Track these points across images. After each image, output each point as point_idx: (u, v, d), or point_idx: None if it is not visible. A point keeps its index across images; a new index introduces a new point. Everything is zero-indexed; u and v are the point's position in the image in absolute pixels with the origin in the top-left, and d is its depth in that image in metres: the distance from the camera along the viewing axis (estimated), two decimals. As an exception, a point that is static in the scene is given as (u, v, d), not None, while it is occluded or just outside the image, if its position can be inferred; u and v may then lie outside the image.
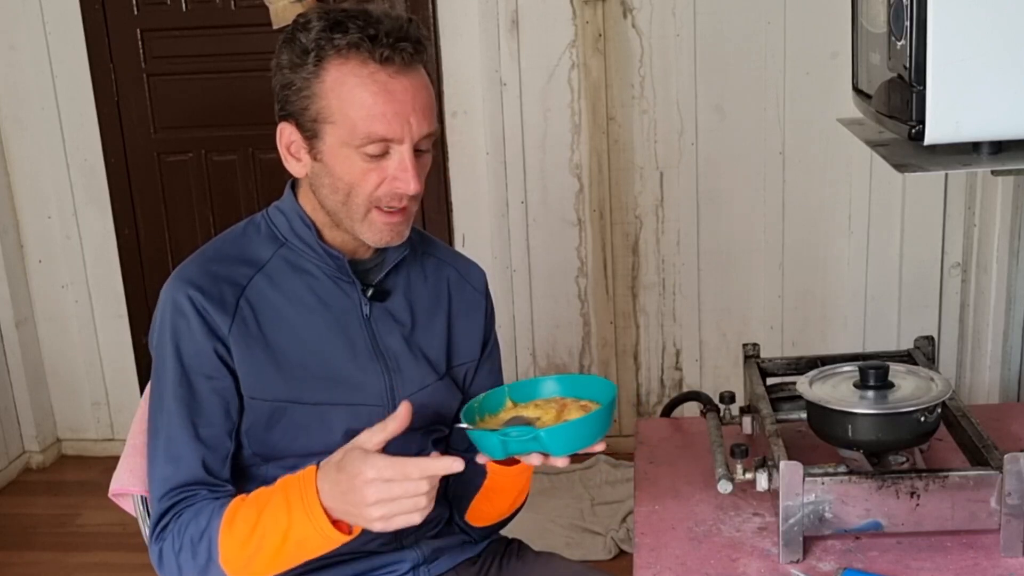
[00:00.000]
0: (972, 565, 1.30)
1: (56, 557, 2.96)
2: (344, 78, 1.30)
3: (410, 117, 1.30)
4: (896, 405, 1.38)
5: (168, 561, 1.34)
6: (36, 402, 3.51)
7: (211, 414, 1.35)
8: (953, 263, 3.14)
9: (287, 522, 1.25)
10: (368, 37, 1.28)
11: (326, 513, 1.23)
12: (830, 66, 2.96)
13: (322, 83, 1.30)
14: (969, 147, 1.28)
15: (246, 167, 3.36)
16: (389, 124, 1.30)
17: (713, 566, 1.33)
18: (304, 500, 1.24)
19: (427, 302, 1.50)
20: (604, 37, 3.08)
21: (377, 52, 1.28)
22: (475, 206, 3.28)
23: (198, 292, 1.35)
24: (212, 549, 1.29)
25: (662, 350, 3.33)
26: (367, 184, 1.33)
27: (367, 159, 1.32)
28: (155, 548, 1.35)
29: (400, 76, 1.30)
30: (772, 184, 3.15)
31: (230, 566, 1.30)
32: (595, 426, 1.25)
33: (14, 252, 3.43)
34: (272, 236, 1.43)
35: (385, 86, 1.29)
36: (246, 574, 1.31)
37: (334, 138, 1.32)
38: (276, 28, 3.10)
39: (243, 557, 1.29)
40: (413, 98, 1.31)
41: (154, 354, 1.39)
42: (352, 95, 1.29)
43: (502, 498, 1.50)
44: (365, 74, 1.29)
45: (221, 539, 1.29)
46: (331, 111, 1.31)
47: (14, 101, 3.34)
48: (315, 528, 1.24)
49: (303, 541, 1.26)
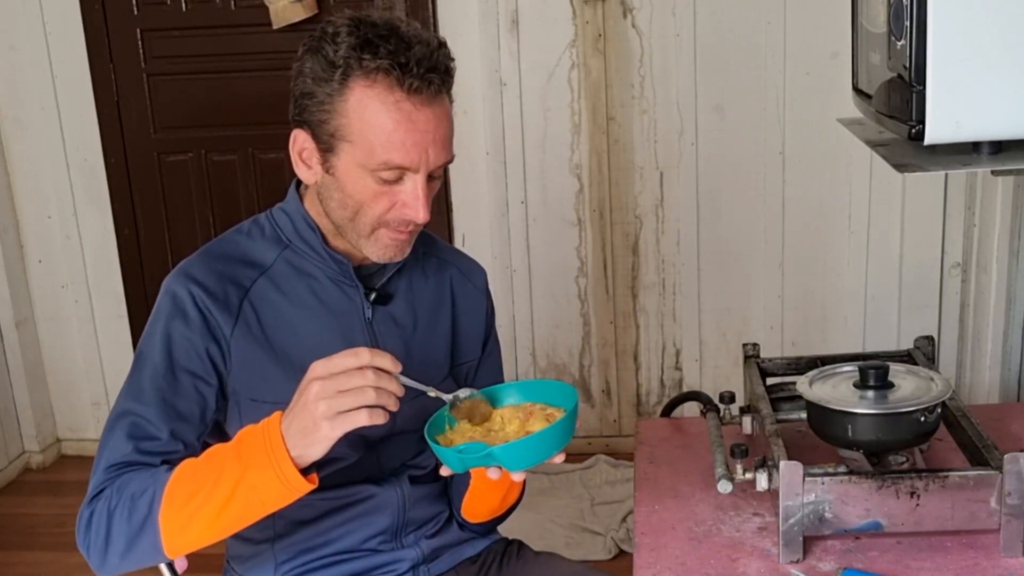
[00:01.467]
0: (972, 565, 1.30)
1: (56, 557, 2.96)
2: (368, 101, 1.28)
3: (429, 148, 1.30)
4: (896, 405, 1.38)
5: (98, 523, 1.28)
6: (36, 402, 3.52)
7: (187, 412, 1.33)
8: (953, 263, 3.14)
9: (241, 466, 1.21)
10: (398, 64, 1.26)
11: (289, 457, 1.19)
12: (830, 66, 2.96)
13: (345, 101, 1.29)
14: (969, 147, 1.28)
15: (246, 167, 3.36)
16: (408, 153, 1.29)
17: (713, 566, 1.33)
18: (267, 440, 1.20)
19: (430, 304, 1.50)
20: (604, 37, 3.08)
21: (407, 82, 1.26)
22: (475, 206, 3.28)
23: (202, 290, 1.35)
24: (154, 503, 1.24)
25: (662, 350, 3.33)
26: (377, 206, 1.32)
27: (380, 183, 1.31)
28: (86, 512, 1.31)
29: (425, 107, 1.29)
30: (772, 184, 3.15)
31: (169, 523, 1.23)
32: (550, 441, 1.24)
33: (14, 252, 3.43)
34: (276, 238, 1.43)
35: (409, 115, 1.28)
36: (184, 536, 1.24)
37: (350, 157, 1.31)
38: (276, 28, 3.10)
39: (187, 509, 1.23)
40: (435, 129, 1.30)
41: (141, 339, 1.37)
42: (375, 119, 1.28)
43: (490, 497, 1.49)
44: (391, 101, 1.27)
45: (167, 490, 1.24)
46: (351, 131, 1.29)
47: (14, 101, 3.34)
48: (275, 469, 1.18)
49: (259, 484, 1.20)
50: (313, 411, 1.16)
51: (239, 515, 1.24)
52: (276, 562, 1.46)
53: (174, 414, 1.33)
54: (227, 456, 1.24)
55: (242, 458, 1.22)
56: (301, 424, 1.18)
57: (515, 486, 1.49)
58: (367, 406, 1.16)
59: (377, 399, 1.16)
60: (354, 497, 1.45)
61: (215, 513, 1.22)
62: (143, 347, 1.36)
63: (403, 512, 1.48)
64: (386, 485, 1.47)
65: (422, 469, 1.51)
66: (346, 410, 1.16)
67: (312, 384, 1.17)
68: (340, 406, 1.16)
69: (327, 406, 1.15)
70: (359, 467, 1.44)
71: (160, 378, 1.33)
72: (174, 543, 1.25)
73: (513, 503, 1.56)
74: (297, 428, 1.18)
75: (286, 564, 1.46)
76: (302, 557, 1.45)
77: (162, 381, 1.33)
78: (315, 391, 1.16)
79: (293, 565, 1.46)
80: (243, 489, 1.21)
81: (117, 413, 1.34)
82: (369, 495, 1.45)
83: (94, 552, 1.30)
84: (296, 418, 1.18)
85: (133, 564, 1.29)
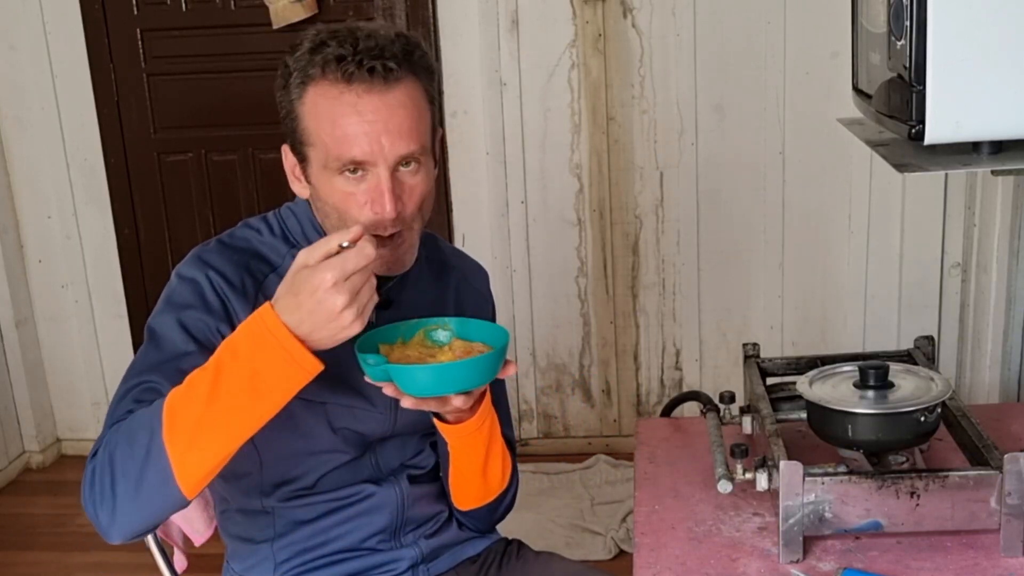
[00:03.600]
0: (972, 565, 1.30)
1: (56, 557, 2.96)
2: (318, 99, 1.27)
3: (381, 137, 1.26)
4: (896, 405, 1.38)
5: (101, 469, 1.20)
6: (36, 402, 3.51)
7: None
8: (953, 263, 3.14)
9: (249, 356, 1.15)
10: (337, 57, 1.25)
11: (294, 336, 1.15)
12: (830, 66, 2.96)
13: (302, 105, 1.29)
14: (969, 147, 1.28)
15: (246, 167, 3.36)
16: (360, 145, 1.26)
17: (713, 566, 1.33)
18: (266, 326, 1.15)
19: (433, 308, 1.49)
20: (604, 37, 3.08)
21: (346, 71, 1.25)
22: (475, 206, 3.28)
23: (220, 276, 1.34)
24: (156, 423, 1.17)
25: (662, 350, 3.33)
26: (351, 209, 1.30)
27: (346, 182, 1.29)
28: (88, 469, 1.22)
29: (370, 95, 1.26)
30: (772, 184, 3.15)
31: (176, 437, 1.16)
32: (444, 376, 1.24)
33: (14, 252, 3.43)
34: (285, 239, 1.42)
35: (354, 106, 1.26)
36: (194, 451, 1.17)
37: (316, 162, 1.31)
38: (276, 28, 3.10)
39: (190, 422, 1.16)
40: (387, 118, 1.26)
41: (151, 320, 1.33)
42: (325, 116, 1.27)
43: (467, 466, 1.45)
44: (334, 95, 1.26)
45: (166, 409, 1.17)
46: (309, 133, 1.29)
47: (14, 101, 3.34)
48: (283, 353, 1.14)
49: (268, 371, 1.15)
50: (342, 319, 1.13)
51: (247, 412, 1.17)
52: (275, 561, 1.46)
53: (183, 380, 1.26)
54: (222, 357, 1.18)
55: (238, 351, 1.17)
56: (321, 326, 1.14)
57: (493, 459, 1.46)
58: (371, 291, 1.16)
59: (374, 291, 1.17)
60: (353, 497, 1.45)
61: (223, 415, 1.16)
62: (155, 326, 1.32)
63: (402, 512, 1.48)
64: (385, 485, 1.46)
65: (421, 469, 1.51)
66: (365, 303, 1.15)
67: (335, 290, 1.12)
68: (363, 301, 1.15)
69: (355, 308, 1.13)
70: (358, 467, 1.45)
71: (177, 353, 1.29)
72: (185, 466, 1.17)
73: (502, 492, 1.54)
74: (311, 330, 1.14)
75: (285, 564, 1.46)
76: (301, 557, 1.46)
77: (179, 356, 1.29)
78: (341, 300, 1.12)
79: (292, 564, 1.46)
80: (247, 378, 1.16)
81: (129, 385, 1.29)
82: (368, 495, 1.45)
83: (102, 508, 1.20)
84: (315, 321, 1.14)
85: (146, 511, 1.21)
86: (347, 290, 1.13)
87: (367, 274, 1.15)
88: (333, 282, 1.12)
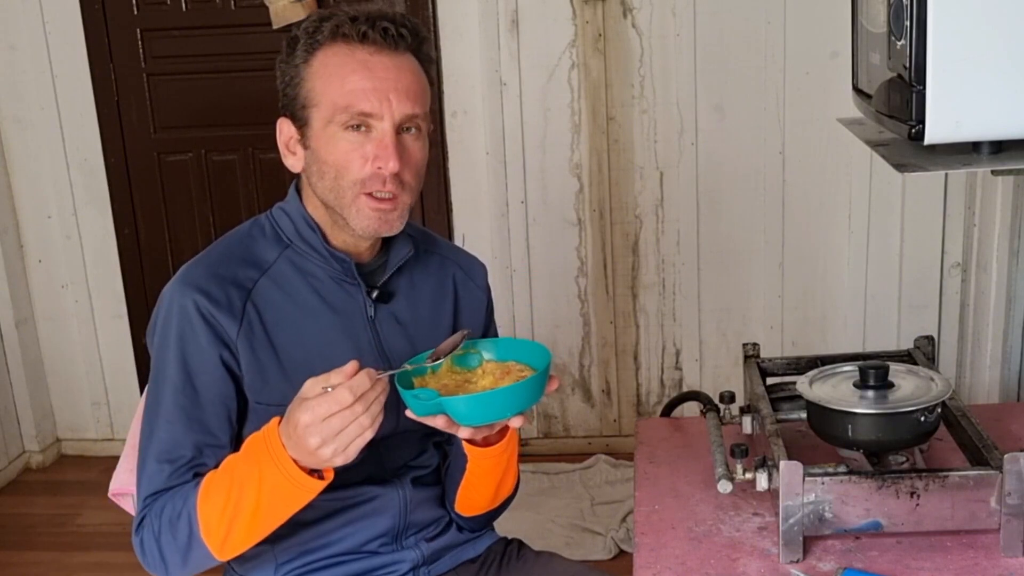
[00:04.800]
0: (972, 565, 1.30)
1: (56, 557, 2.96)
2: (327, 59, 1.34)
3: (390, 94, 1.32)
4: (896, 405, 1.38)
5: (150, 547, 1.34)
6: (36, 402, 3.51)
7: (214, 422, 1.36)
8: (953, 263, 3.14)
9: (258, 476, 1.25)
10: (350, 19, 1.33)
11: (295, 461, 1.23)
12: (830, 66, 2.96)
13: (309, 67, 1.35)
14: (969, 147, 1.28)
15: (246, 167, 3.36)
16: (368, 98, 1.32)
17: (713, 566, 1.33)
18: (269, 450, 1.24)
19: (431, 301, 1.50)
20: (604, 37, 3.08)
21: (356, 29, 1.32)
22: (475, 206, 3.28)
23: (204, 298, 1.35)
24: (192, 523, 1.29)
25: (662, 350, 3.33)
26: (352, 165, 1.34)
27: (350, 135, 1.33)
28: (136, 540, 1.36)
29: (381, 55, 1.33)
30: (772, 184, 3.15)
31: (212, 537, 1.29)
32: (501, 401, 1.23)
33: (14, 252, 3.43)
34: (277, 238, 1.43)
35: (365, 63, 1.33)
36: (229, 544, 1.30)
37: (319, 120, 1.34)
38: (276, 28, 3.10)
39: (223, 523, 1.28)
40: (396, 77, 1.33)
41: (154, 355, 1.39)
42: (334, 73, 1.33)
43: (485, 483, 1.48)
44: (346, 52, 1.33)
45: (200, 511, 1.29)
46: (315, 93, 1.34)
47: (14, 101, 3.34)
48: (284, 476, 1.23)
49: (276, 491, 1.25)
50: (320, 455, 1.20)
51: (271, 515, 1.29)
52: (276, 563, 1.46)
53: (199, 427, 1.35)
54: (240, 464, 1.28)
55: (253, 464, 1.26)
56: (306, 457, 1.22)
57: (509, 476, 1.49)
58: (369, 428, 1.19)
59: (373, 421, 1.19)
60: (356, 499, 1.45)
61: (249, 519, 1.28)
62: (158, 364, 1.38)
63: (404, 515, 1.48)
64: (388, 487, 1.47)
65: (425, 469, 1.51)
66: (354, 441, 1.19)
67: (309, 429, 1.18)
68: (344, 442, 1.19)
69: (333, 447, 1.19)
70: (361, 466, 1.44)
71: (180, 393, 1.35)
72: (224, 550, 1.31)
73: (507, 497, 1.55)
74: (304, 460, 1.22)
75: (286, 565, 1.46)
76: (303, 558, 1.45)
77: (182, 396, 1.35)
78: (315, 440, 1.18)
79: (294, 566, 1.46)
80: (265, 492, 1.25)
81: (145, 434, 1.38)
82: (371, 497, 1.46)
83: (157, 570, 1.36)
84: (300, 451, 1.21)
85: (192, 570, 1.36)
86: (319, 433, 1.18)
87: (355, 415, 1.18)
88: (305, 424, 1.18)
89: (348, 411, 1.17)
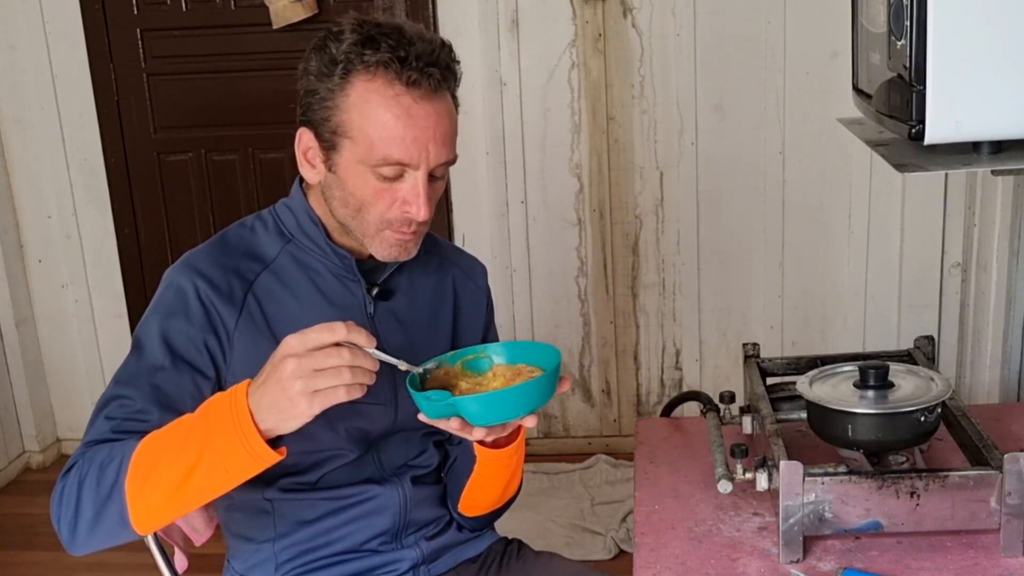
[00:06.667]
0: (972, 565, 1.30)
1: (56, 557, 2.95)
2: (369, 96, 1.29)
3: (429, 144, 1.31)
4: (896, 405, 1.38)
5: (68, 494, 1.25)
6: (36, 402, 3.52)
7: (178, 402, 1.31)
8: (953, 263, 3.14)
9: (206, 432, 1.18)
10: (398, 58, 1.28)
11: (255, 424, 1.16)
12: (830, 66, 2.96)
13: (346, 97, 1.30)
14: (969, 147, 1.28)
15: (246, 167, 3.36)
16: (407, 149, 1.29)
17: (713, 566, 1.33)
18: (233, 406, 1.17)
19: (431, 300, 1.50)
20: (604, 37, 3.08)
21: (405, 75, 1.28)
22: (475, 206, 3.28)
23: (206, 283, 1.34)
24: (121, 469, 1.22)
25: (662, 350, 3.33)
26: (378, 204, 1.33)
27: (381, 180, 1.31)
28: (57, 487, 1.28)
29: (424, 102, 1.30)
30: (772, 184, 3.15)
31: (134, 491, 1.21)
32: (513, 400, 1.22)
33: (14, 252, 3.43)
34: (279, 232, 1.43)
35: (408, 110, 1.29)
36: (145, 504, 1.22)
37: (351, 154, 1.31)
38: (276, 28, 3.10)
39: (151, 479, 1.20)
40: (435, 125, 1.31)
41: (139, 325, 1.36)
42: (374, 114, 1.29)
43: (492, 484, 1.48)
44: (390, 95, 1.29)
45: (134, 457, 1.21)
46: (351, 126, 1.30)
47: (14, 101, 3.34)
48: (239, 435, 1.16)
49: (222, 453, 1.17)
50: (289, 388, 1.13)
51: (204, 484, 1.20)
52: (276, 562, 1.46)
53: (164, 403, 1.30)
54: (194, 424, 1.21)
55: (208, 425, 1.19)
56: (274, 399, 1.15)
57: (516, 473, 1.49)
58: (345, 384, 1.14)
59: (353, 378, 1.14)
60: (356, 498, 1.45)
61: (179, 480, 1.19)
62: (140, 335, 1.35)
63: (404, 514, 1.48)
64: (388, 486, 1.47)
65: (424, 468, 1.51)
66: (324, 388, 1.14)
67: (287, 361, 1.13)
68: (317, 385, 1.13)
69: (304, 384, 1.13)
70: (361, 466, 1.45)
71: (155, 367, 1.32)
72: (140, 512, 1.22)
73: (511, 497, 1.55)
74: (269, 402, 1.15)
75: (287, 564, 1.46)
76: (303, 557, 1.45)
77: (156, 370, 1.32)
78: (290, 369, 1.13)
79: (294, 565, 1.46)
80: (208, 456, 1.18)
81: (107, 397, 1.33)
82: (371, 496, 1.45)
83: (65, 524, 1.26)
84: (268, 392, 1.15)
85: (101, 536, 1.26)
86: (298, 362, 1.12)
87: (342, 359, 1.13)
88: (292, 347, 1.14)
89: (335, 351, 1.13)
